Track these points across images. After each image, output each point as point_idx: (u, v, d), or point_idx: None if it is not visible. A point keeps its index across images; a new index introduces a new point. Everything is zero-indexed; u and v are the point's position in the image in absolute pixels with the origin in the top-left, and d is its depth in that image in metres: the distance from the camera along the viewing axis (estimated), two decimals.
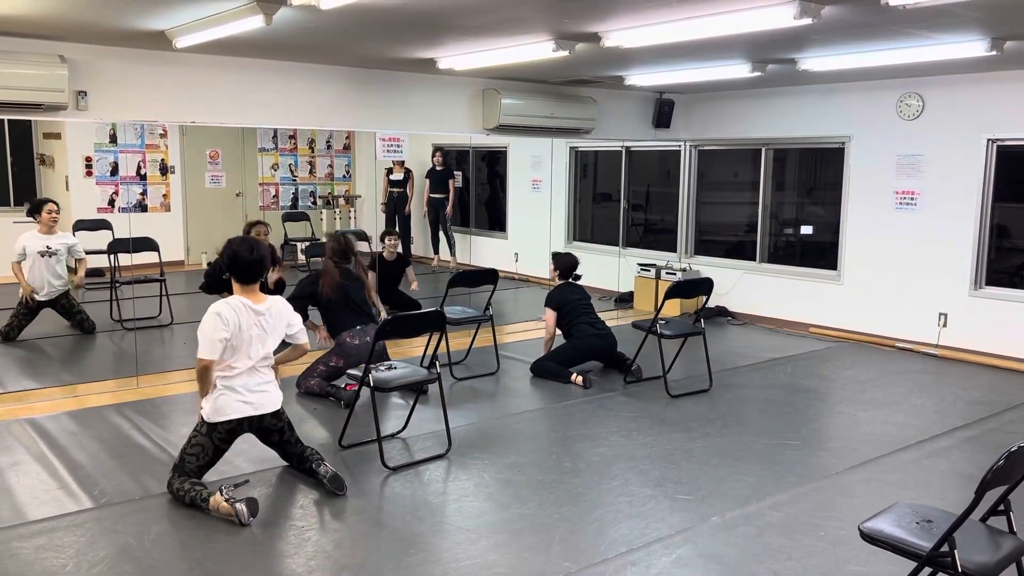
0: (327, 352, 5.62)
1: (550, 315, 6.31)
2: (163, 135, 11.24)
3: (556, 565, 3.36)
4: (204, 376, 3.83)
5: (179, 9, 4.58)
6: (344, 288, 5.60)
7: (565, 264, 6.48)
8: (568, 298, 6.33)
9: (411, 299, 8.07)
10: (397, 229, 11.64)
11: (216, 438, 3.90)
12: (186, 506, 3.81)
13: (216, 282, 6.60)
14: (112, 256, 7.76)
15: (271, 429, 4.01)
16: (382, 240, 8.09)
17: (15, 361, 6.41)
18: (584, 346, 6.21)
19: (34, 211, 7.16)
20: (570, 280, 6.45)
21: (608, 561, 3.40)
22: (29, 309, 7.03)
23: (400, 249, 8.10)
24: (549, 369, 6.14)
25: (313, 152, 12.65)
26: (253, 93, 6.31)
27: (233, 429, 3.92)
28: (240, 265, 3.86)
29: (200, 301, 8.82)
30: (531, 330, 7.91)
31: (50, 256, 7.06)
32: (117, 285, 7.79)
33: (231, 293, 3.95)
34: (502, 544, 3.54)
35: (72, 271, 7.37)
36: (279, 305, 4.02)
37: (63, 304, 7.19)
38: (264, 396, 3.95)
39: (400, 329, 4.89)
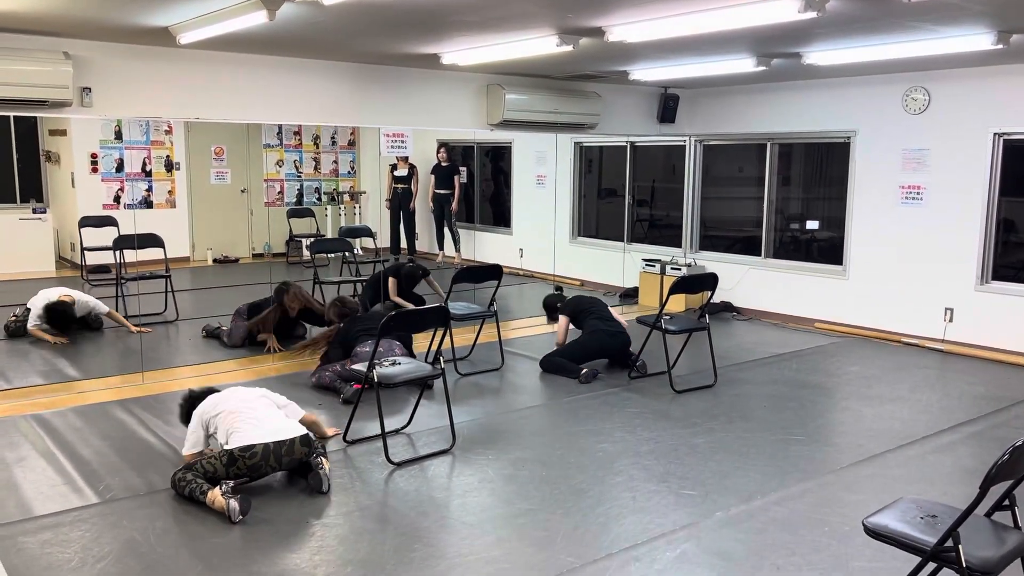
0: (345, 360, 5.67)
1: (563, 320, 6.42)
2: (168, 131, 11.25)
3: (560, 560, 3.36)
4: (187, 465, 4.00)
5: (183, 5, 4.59)
6: (352, 321, 5.90)
7: (568, 304, 6.58)
8: (582, 304, 6.44)
9: (422, 299, 8.21)
10: (402, 226, 11.68)
11: (232, 471, 3.80)
12: (184, 498, 3.82)
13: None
14: (117, 253, 7.77)
15: (306, 461, 3.99)
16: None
17: (21, 357, 6.43)
18: (595, 343, 6.20)
19: None
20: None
21: (612, 556, 3.40)
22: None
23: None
24: (558, 364, 6.13)
25: (318, 148, 12.65)
26: (257, 89, 6.31)
27: (257, 465, 3.82)
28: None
29: (205, 297, 8.87)
30: (535, 326, 7.91)
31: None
32: (122, 282, 7.80)
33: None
34: (506, 539, 3.54)
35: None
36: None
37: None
38: (281, 426, 3.97)
39: (404, 325, 4.89)
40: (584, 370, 5.96)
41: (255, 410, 3.99)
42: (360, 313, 6.20)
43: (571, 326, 6.46)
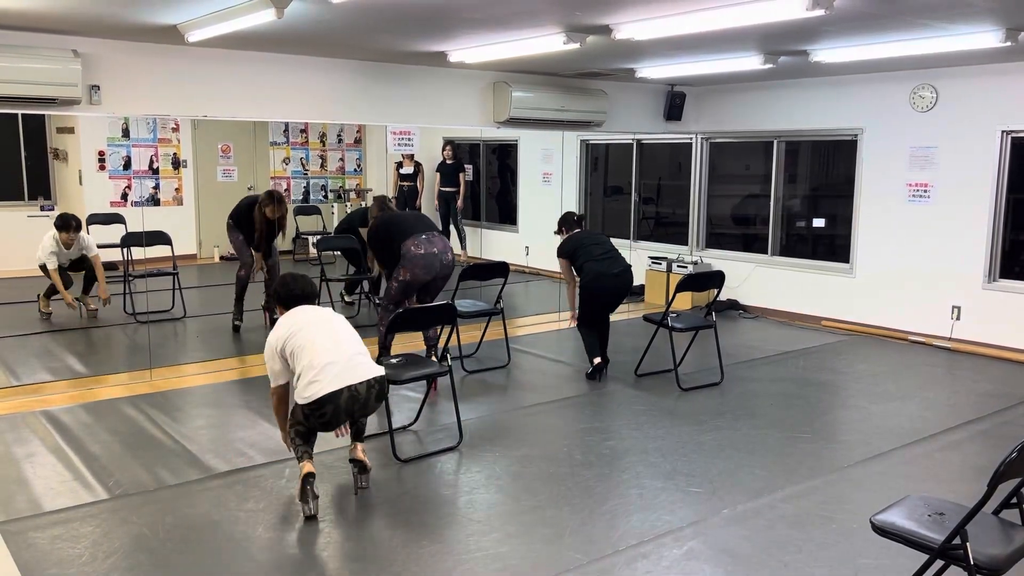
0: (397, 266, 5.42)
1: (563, 263, 6.07)
2: (175, 129, 11.28)
3: (567, 557, 3.37)
4: (277, 411, 3.97)
5: (192, 3, 4.60)
6: (391, 213, 5.71)
7: (566, 220, 6.26)
8: (580, 241, 6.05)
9: None
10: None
11: (314, 421, 3.75)
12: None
13: None
14: (125, 250, 7.81)
15: (369, 407, 3.86)
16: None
17: (30, 354, 6.47)
18: (600, 290, 5.88)
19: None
20: (580, 229, 6.20)
21: (619, 553, 3.40)
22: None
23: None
24: (586, 344, 6.04)
25: (324, 146, 12.68)
26: (265, 87, 6.32)
27: (328, 423, 3.76)
28: (292, 296, 3.95)
29: (212, 294, 8.89)
30: (542, 323, 7.93)
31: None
32: (130, 279, 7.84)
33: None
34: (513, 536, 3.55)
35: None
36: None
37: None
38: (358, 368, 3.77)
39: (412, 322, 4.90)
40: (592, 366, 5.96)
41: (325, 347, 3.75)
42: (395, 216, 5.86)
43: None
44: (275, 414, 4.01)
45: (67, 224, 7.41)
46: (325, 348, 3.73)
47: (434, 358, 5.01)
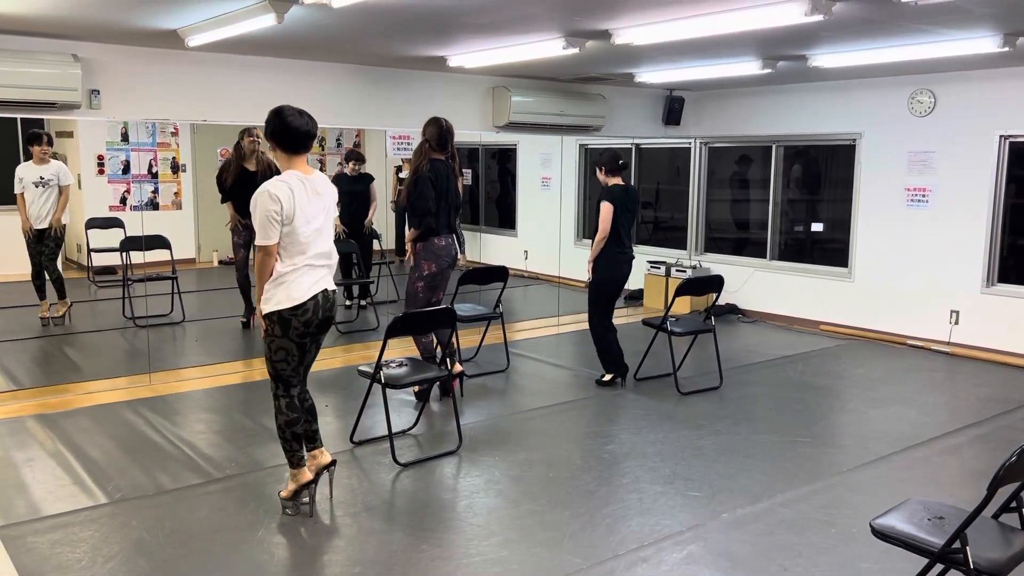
0: (416, 262, 5.46)
1: (606, 208, 5.69)
2: (174, 133, 11.28)
3: (567, 561, 3.37)
4: (263, 266, 3.54)
5: (192, 8, 4.61)
6: (440, 183, 5.40)
7: (609, 162, 5.81)
8: (620, 203, 5.75)
9: (369, 237, 8.51)
10: (407, 227, 11.70)
11: (295, 334, 3.57)
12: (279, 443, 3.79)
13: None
14: (124, 254, 7.80)
15: (327, 325, 3.72)
16: (346, 161, 8.44)
17: (29, 358, 6.47)
18: (612, 275, 5.80)
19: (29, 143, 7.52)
20: (622, 181, 5.83)
21: (619, 557, 3.40)
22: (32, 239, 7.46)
23: (363, 170, 8.45)
24: (604, 351, 5.94)
25: (323, 150, 12.68)
26: (264, 91, 6.33)
27: (309, 320, 3.58)
28: (290, 132, 3.59)
29: (211, 298, 8.89)
30: (541, 327, 7.93)
31: (44, 186, 7.44)
32: (129, 283, 7.83)
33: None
34: (513, 540, 3.55)
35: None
36: (326, 181, 3.74)
37: (49, 238, 7.50)
38: (326, 281, 3.68)
39: (411, 326, 4.91)
40: (609, 376, 5.93)
41: (308, 240, 3.58)
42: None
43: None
44: (259, 274, 3.60)
45: (38, 136, 7.41)
46: (312, 254, 3.59)
47: (458, 366, 5.02)
